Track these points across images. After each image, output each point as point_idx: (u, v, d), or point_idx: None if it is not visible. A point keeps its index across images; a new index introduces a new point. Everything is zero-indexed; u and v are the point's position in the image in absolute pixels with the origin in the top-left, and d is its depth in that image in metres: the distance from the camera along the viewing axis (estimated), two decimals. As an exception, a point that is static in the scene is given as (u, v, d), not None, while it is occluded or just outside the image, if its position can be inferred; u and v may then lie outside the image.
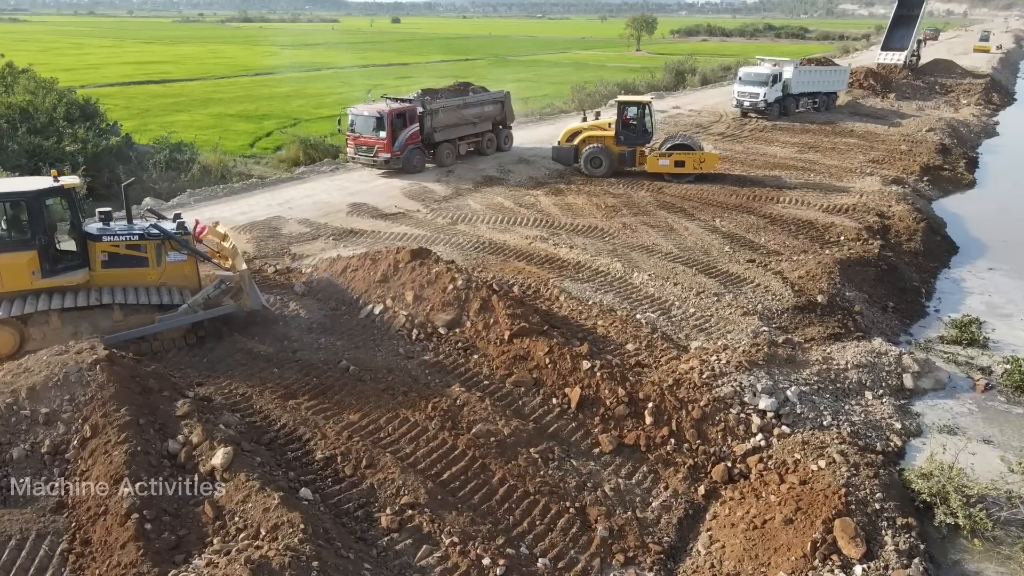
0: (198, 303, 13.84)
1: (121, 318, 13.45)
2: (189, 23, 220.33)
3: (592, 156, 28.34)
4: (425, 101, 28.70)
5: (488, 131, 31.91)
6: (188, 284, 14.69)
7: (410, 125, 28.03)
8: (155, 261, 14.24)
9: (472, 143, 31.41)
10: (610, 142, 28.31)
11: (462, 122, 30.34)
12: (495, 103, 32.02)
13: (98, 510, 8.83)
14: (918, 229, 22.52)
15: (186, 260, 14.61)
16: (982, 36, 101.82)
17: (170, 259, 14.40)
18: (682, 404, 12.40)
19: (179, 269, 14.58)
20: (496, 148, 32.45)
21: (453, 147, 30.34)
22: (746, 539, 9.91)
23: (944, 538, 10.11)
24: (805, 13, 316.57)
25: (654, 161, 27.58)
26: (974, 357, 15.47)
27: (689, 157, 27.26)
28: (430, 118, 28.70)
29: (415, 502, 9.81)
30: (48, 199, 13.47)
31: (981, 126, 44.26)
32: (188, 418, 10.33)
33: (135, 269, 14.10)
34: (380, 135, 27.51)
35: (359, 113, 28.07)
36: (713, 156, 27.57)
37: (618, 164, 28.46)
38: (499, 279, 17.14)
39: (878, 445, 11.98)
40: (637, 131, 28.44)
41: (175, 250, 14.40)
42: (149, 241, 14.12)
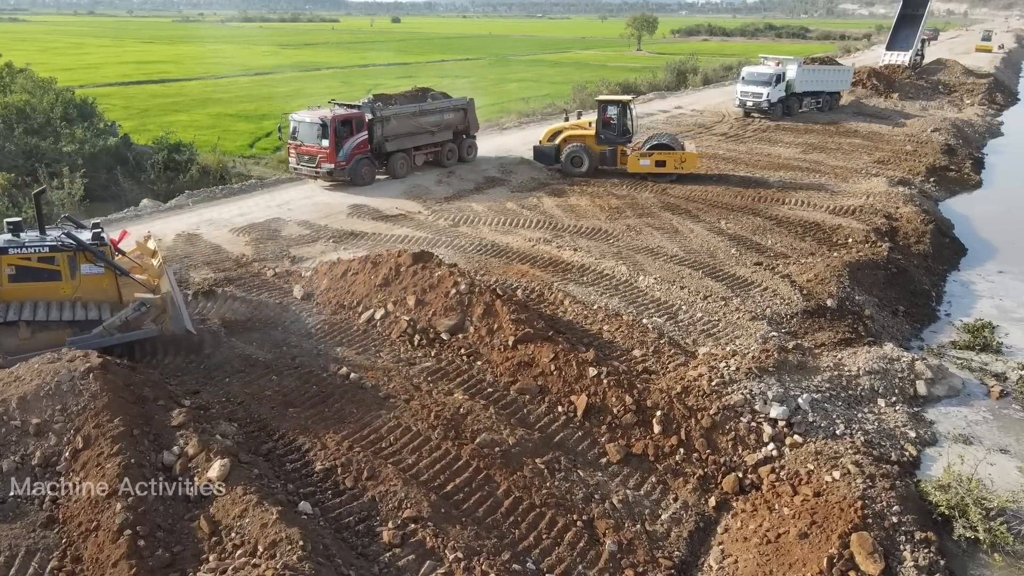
0: (114, 325, 12.79)
1: (28, 336, 12.56)
2: (189, 23, 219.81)
3: (573, 155, 28.22)
4: (375, 107, 26.44)
5: (449, 141, 29.47)
6: (107, 298, 13.52)
7: (357, 133, 25.75)
8: (69, 274, 13.16)
9: (430, 153, 29.12)
10: (591, 141, 28.20)
11: (418, 131, 27.95)
12: (456, 111, 29.57)
13: (90, 526, 8.53)
14: (926, 231, 22.22)
15: (103, 273, 13.43)
16: (984, 36, 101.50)
17: (85, 272, 13.28)
18: (691, 412, 12.10)
19: (96, 283, 13.41)
20: (458, 159, 30.03)
21: (408, 158, 27.97)
22: (759, 554, 9.60)
23: (964, 553, 9.81)
24: (805, 13, 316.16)
25: (635, 161, 27.42)
26: (988, 363, 15.16)
27: (670, 157, 27.08)
28: (381, 126, 26.39)
29: (418, 515, 9.51)
30: None
31: (985, 126, 43.94)
32: (184, 428, 10.03)
33: (47, 283, 13.07)
34: (323, 144, 25.19)
35: (301, 119, 25.83)
36: (693, 156, 27.37)
37: (599, 163, 28.29)
38: (502, 282, 16.83)
39: (893, 455, 11.67)
40: (617, 130, 28.22)
41: (90, 262, 13.26)
42: (61, 253, 13.03)
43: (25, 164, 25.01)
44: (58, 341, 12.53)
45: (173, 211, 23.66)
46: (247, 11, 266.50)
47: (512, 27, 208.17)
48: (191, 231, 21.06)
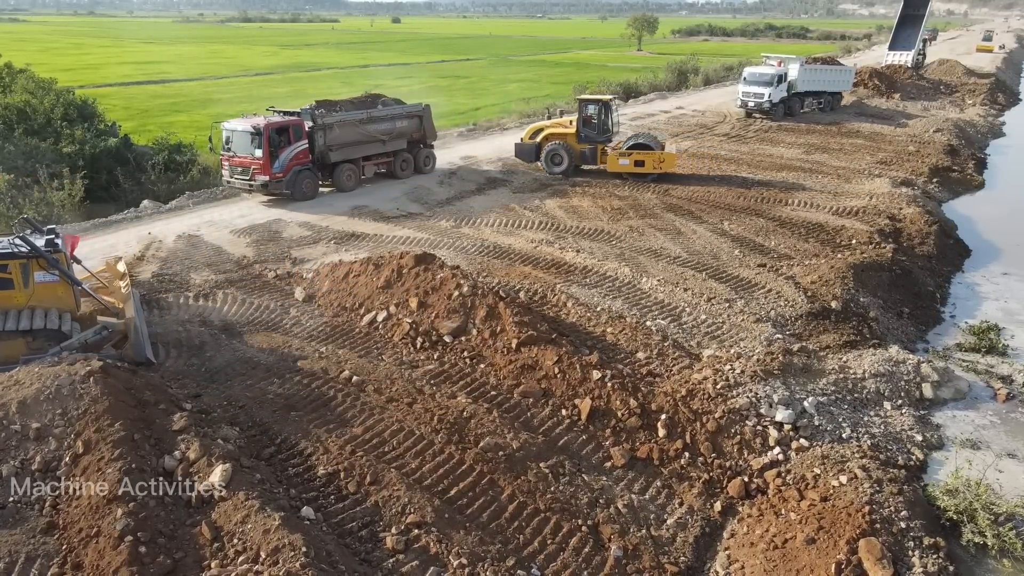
0: (73, 347, 12.32)
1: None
2: (189, 23, 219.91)
3: (553, 153, 28.27)
4: (316, 114, 24.39)
5: (403, 150, 27.52)
6: (63, 306, 13.06)
7: (296, 142, 23.66)
8: (22, 282, 12.63)
9: (382, 164, 27.18)
10: (571, 140, 28.22)
11: (366, 140, 25.97)
12: (410, 118, 27.66)
13: (90, 532, 8.44)
14: (930, 232, 22.12)
15: (58, 280, 12.91)
16: (985, 36, 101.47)
17: (39, 279, 12.77)
18: (696, 416, 12.00)
19: (51, 291, 12.91)
20: (414, 170, 28.04)
21: (356, 169, 26.02)
22: (766, 559, 9.50)
23: (972, 558, 9.71)
24: (806, 13, 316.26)
25: (614, 160, 27.46)
26: (994, 365, 15.06)
27: (649, 156, 27.11)
28: (323, 134, 24.43)
29: (421, 521, 9.41)
30: None
31: (988, 126, 43.86)
32: (185, 432, 9.95)
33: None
34: (256, 154, 23.12)
35: (233, 128, 23.75)
36: (672, 156, 27.38)
37: (579, 162, 28.31)
38: (505, 284, 16.74)
39: (900, 459, 11.57)
40: (598, 129, 28.19)
41: (43, 269, 12.74)
42: (14, 261, 12.50)
43: (25, 165, 24.90)
44: (11, 352, 12.17)
45: (174, 212, 23.58)
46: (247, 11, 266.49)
47: (512, 27, 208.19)
48: (192, 232, 20.97)
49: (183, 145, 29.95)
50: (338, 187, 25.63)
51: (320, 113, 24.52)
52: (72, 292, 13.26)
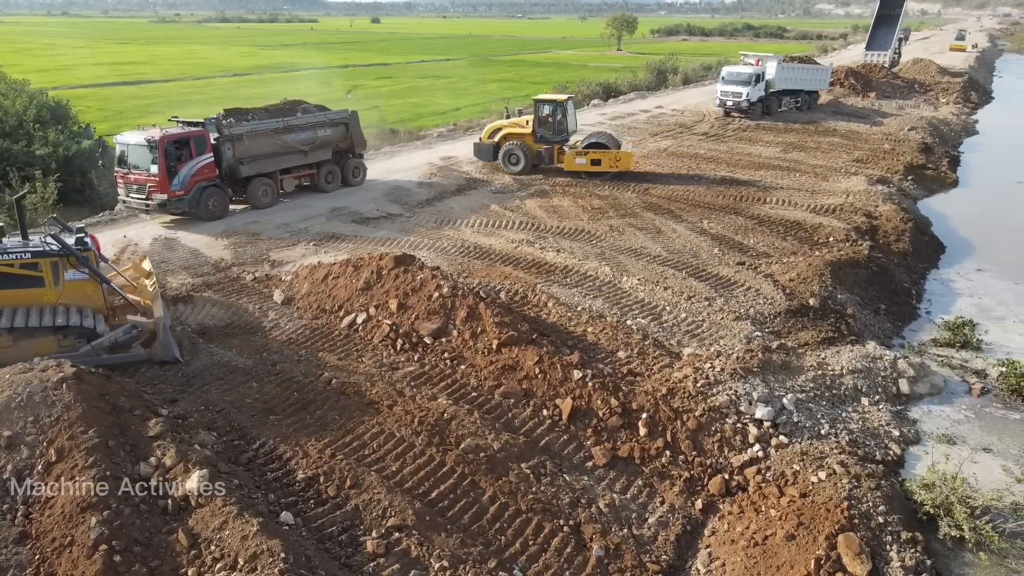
0: (103, 345, 12.63)
1: (9, 344, 12.29)
2: (165, 23, 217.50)
3: (509, 152, 28.44)
4: (222, 124, 22.42)
5: (327, 161, 25.55)
6: (92, 304, 13.30)
7: (198, 156, 21.42)
8: (52, 281, 12.89)
9: (304, 177, 25.22)
10: (528, 139, 28.33)
11: (283, 151, 23.85)
12: (335, 126, 25.71)
13: (64, 541, 8.28)
14: (906, 229, 22.39)
15: (87, 278, 13.18)
16: (958, 35, 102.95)
17: (69, 278, 13.02)
18: (677, 414, 12.04)
19: (80, 289, 13.15)
20: (341, 182, 26.28)
21: (272, 183, 23.92)
22: (747, 556, 9.55)
23: (949, 552, 9.82)
24: (783, 13, 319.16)
25: (571, 159, 27.59)
26: (968, 360, 15.27)
27: (605, 155, 27.25)
28: (231, 146, 22.29)
29: (402, 524, 9.35)
30: None
31: (961, 125, 44.49)
32: (161, 439, 9.80)
33: (28, 290, 12.76)
34: (152, 170, 20.74)
35: (126, 142, 21.42)
36: (628, 155, 27.56)
37: (536, 161, 28.41)
38: (485, 285, 16.69)
39: (877, 454, 11.68)
40: (554, 129, 28.25)
41: (74, 268, 13.03)
42: (45, 259, 12.78)
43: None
44: (42, 350, 12.27)
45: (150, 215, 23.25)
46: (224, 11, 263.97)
47: (492, 27, 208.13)
48: (168, 235, 20.72)
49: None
50: (252, 204, 23.49)
51: (228, 123, 22.56)
52: (101, 291, 13.42)
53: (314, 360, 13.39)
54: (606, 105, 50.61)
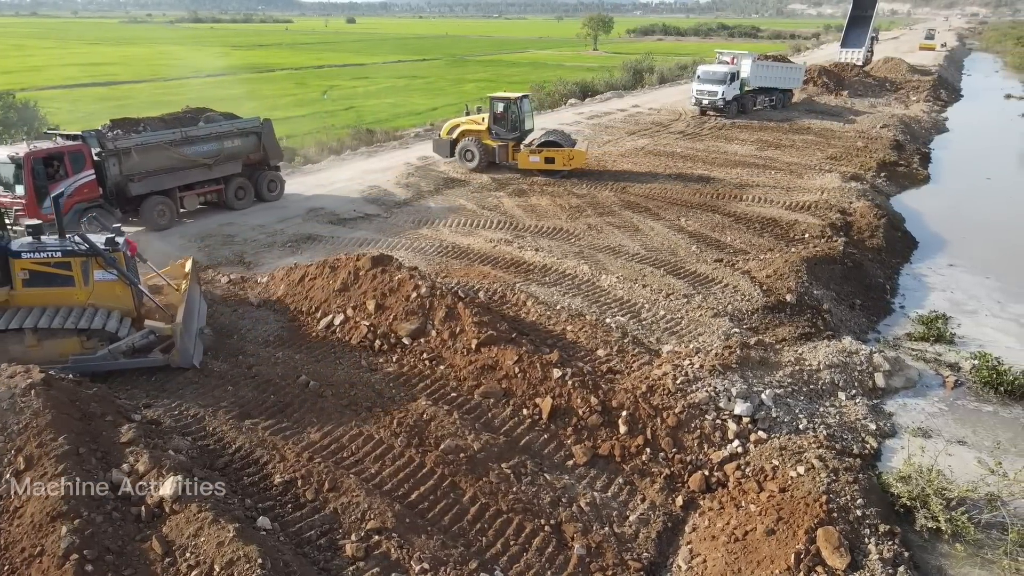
0: (120, 350, 12.42)
1: (35, 343, 12.28)
2: (137, 24, 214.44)
3: (465, 149, 28.83)
4: (105, 137, 19.87)
5: (237, 175, 23.15)
6: (121, 305, 13.26)
7: (76, 174, 18.74)
8: (82, 280, 12.94)
9: (208, 193, 22.86)
10: (484, 136, 28.61)
11: (182, 165, 21.48)
12: (244, 136, 23.30)
13: (33, 551, 8.06)
14: (879, 225, 22.65)
15: (116, 279, 13.16)
16: (927, 34, 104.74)
17: (99, 278, 13.02)
18: (656, 412, 12.05)
19: (110, 289, 13.14)
20: (256, 197, 23.96)
21: (169, 202, 21.31)
22: (727, 552, 9.57)
23: (926, 543, 9.92)
24: (756, 13, 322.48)
25: (525, 157, 27.89)
26: (942, 353, 15.48)
27: (558, 154, 27.53)
28: (116, 161, 19.82)
29: (382, 527, 9.24)
30: None
31: (931, 122, 45.18)
32: (134, 445, 9.59)
33: (60, 289, 12.83)
34: (18, 191, 18.01)
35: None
36: (580, 154, 27.85)
37: (491, 158, 28.70)
38: (464, 285, 16.61)
39: (854, 448, 11.78)
40: (508, 126, 28.48)
41: (102, 268, 13.03)
42: (76, 258, 12.84)
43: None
44: (66, 350, 12.36)
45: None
46: (197, 11, 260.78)
47: (468, 27, 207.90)
48: (141, 236, 20.36)
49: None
50: (147, 225, 20.88)
51: (113, 136, 20.01)
52: (130, 291, 13.31)
53: (291, 362, 13.22)
54: (583, 104, 50.72)
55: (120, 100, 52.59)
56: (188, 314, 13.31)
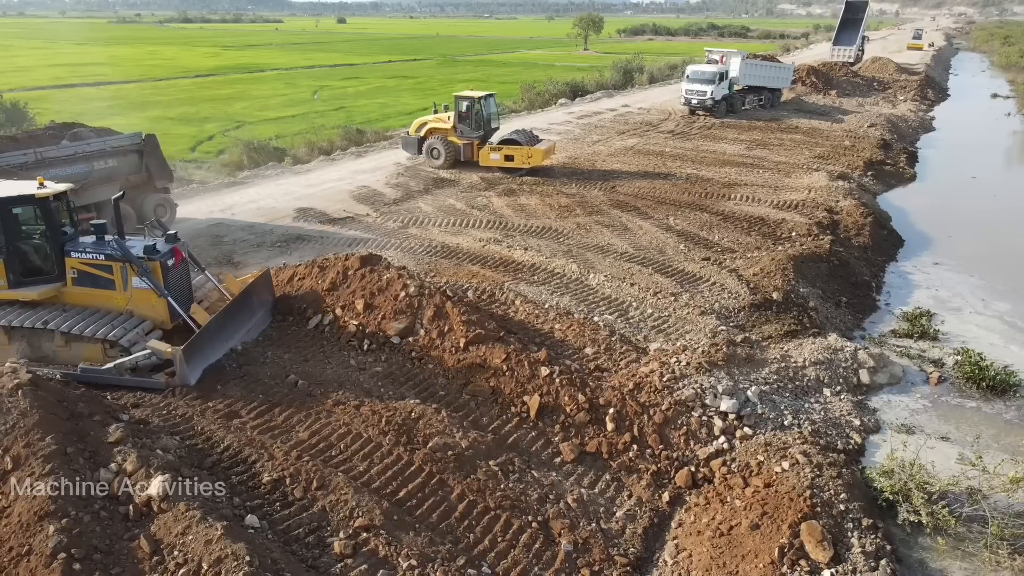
0: (124, 367, 12.16)
1: (63, 344, 12.42)
2: (125, 24, 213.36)
3: (431, 147, 29.31)
4: None
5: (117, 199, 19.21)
6: (155, 315, 13.13)
7: None
8: (122, 285, 12.90)
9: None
10: (450, 134, 29.01)
11: None
12: (122, 155, 20.32)
13: (21, 551, 8.07)
14: (866, 224, 22.86)
15: (151, 287, 12.97)
16: (915, 34, 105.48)
17: (136, 285, 12.92)
18: (644, 409, 12.15)
19: (146, 298, 12.98)
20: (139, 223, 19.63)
21: None
22: (713, 547, 9.67)
23: (908, 536, 10.06)
24: (746, 12, 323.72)
25: (486, 155, 28.39)
26: (926, 350, 15.65)
27: (517, 152, 27.94)
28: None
29: (370, 524, 9.29)
30: (16, 207, 12.64)
31: (919, 121, 45.55)
32: (121, 444, 9.61)
33: (103, 291, 12.95)
34: None
35: None
36: (538, 152, 28.16)
37: (457, 156, 29.12)
38: (453, 284, 16.68)
39: (839, 443, 11.92)
40: (472, 125, 28.79)
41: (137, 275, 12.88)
42: (115, 263, 12.84)
43: (-51, 172, 23.77)
44: (90, 355, 12.40)
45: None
46: (187, 11, 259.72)
47: (459, 27, 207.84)
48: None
49: (119, 149, 28.95)
50: None
51: None
52: (165, 302, 13.09)
53: (280, 362, 13.24)
54: (573, 104, 50.87)
55: (109, 100, 52.35)
56: (204, 335, 12.67)
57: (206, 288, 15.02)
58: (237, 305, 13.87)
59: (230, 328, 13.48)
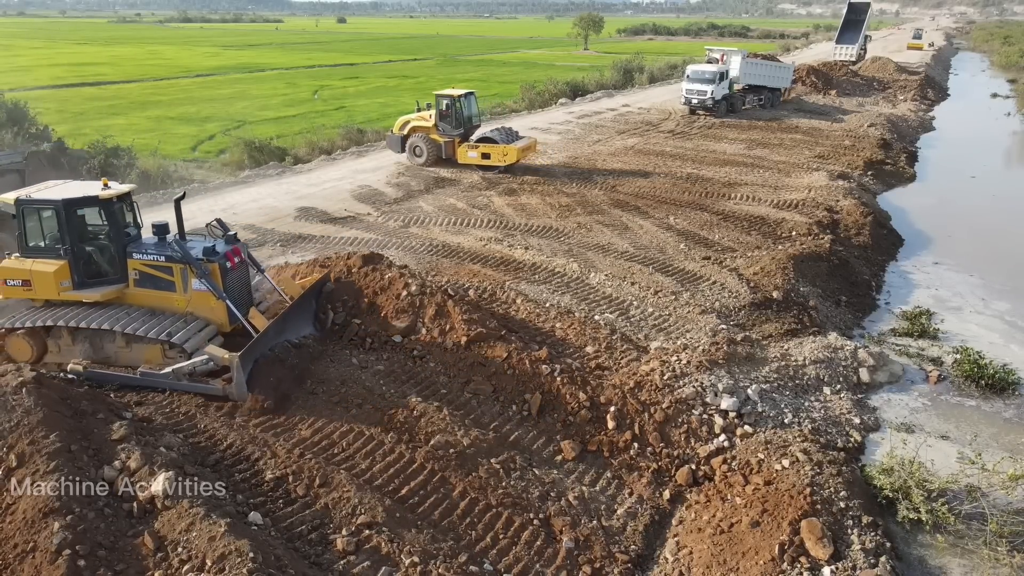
0: (183, 372, 11.91)
1: (124, 345, 12.47)
2: (126, 23, 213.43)
3: (414, 145, 29.71)
4: None
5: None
6: (214, 317, 12.95)
7: None
8: (182, 287, 12.81)
9: None
10: (432, 132, 29.34)
11: None
12: None
13: (26, 547, 8.13)
14: (866, 223, 22.90)
15: (209, 289, 12.73)
16: (915, 34, 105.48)
17: (195, 287, 12.76)
18: (644, 407, 12.19)
19: (205, 300, 12.80)
20: None
21: None
22: (713, 544, 9.73)
23: (907, 534, 10.11)
24: (746, 12, 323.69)
25: (464, 152, 28.75)
26: (925, 348, 15.70)
27: (493, 150, 28.24)
28: None
29: (372, 521, 9.35)
30: (80, 208, 12.66)
31: (918, 121, 45.58)
32: (125, 442, 9.66)
33: (163, 292, 12.89)
34: None
35: None
36: (513, 150, 28.34)
37: (439, 154, 29.41)
38: (454, 283, 16.72)
39: (839, 441, 11.98)
40: (453, 123, 29.03)
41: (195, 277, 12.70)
42: (175, 264, 12.74)
43: (-50, 171, 23.78)
44: (150, 357, 12.39)
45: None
46: (187, 11, 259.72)
47: (459, 27, 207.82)
48: (131, 238, 20.33)
49: (120, 148, 29.06)
50: None
51: None
52: (224, 305, 12.82)
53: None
54: (574, 104, 50.91)
55: (109, 100, 52.43)
56: (261, 341, 12.37)
57: (264, 290, 14.81)
58: (296, 309, 13.70)
59: (288, 333, 13.32)
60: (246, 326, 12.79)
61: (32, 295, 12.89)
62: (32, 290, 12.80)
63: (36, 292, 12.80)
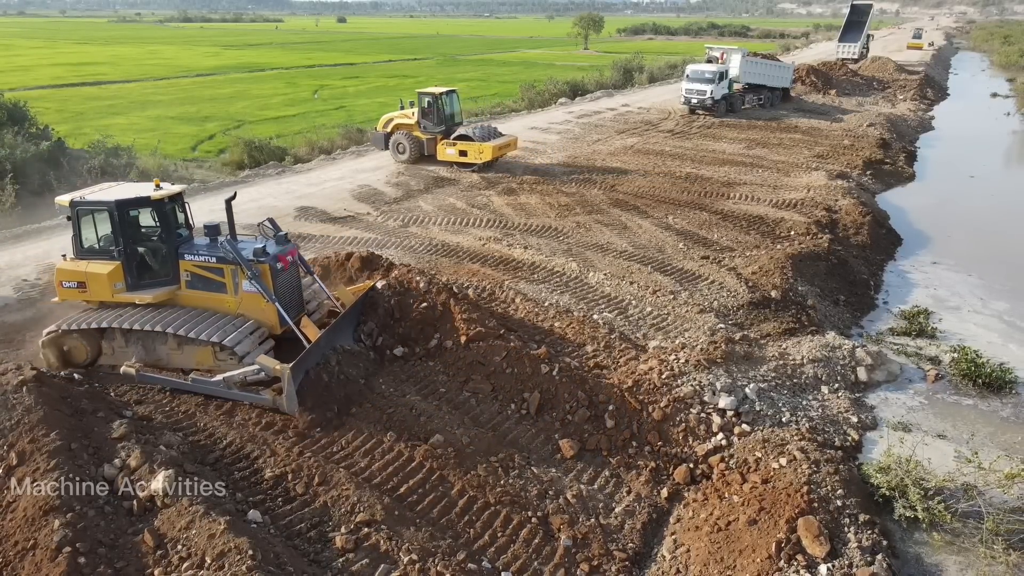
0: (234, 380, 11.73)
1: (175, 347, 12.47)
2: (126, 23, 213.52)
3: (397, 142, 30.09)
4: None
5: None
6: (265, 320, 12.89)
7: None
8: (233, 289, 12.77)
9: None
10: (415, 130, 29.66)
11: None
12: None
13: (27, 545, 8.20)
14: (864, 223, 22.94)
15: (259, 291, 12.60)
16: (915, 34, 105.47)
17: (246, 289, 12.68)
18: (643, 406, 12.23)
19: (255, 302, 12.72)
20: None
21: None
22: (711, 542, 9.77)
23: (904, 532, 10.15)
24: (746, 12, 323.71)
25: (443, 149, 29.08)
26: (923, 348, 15.73)
27: (470, 147, 28.54)
28: None
29: (371, 519, 9.40)
30: (132, 209, 12.66)
31: (918, 121, 45.60)
32: (125, 440, 9.74)
33: (215, 294, 12.89)
34: None
35: None
36: (488, 147, 28.53)
37: (420, 150, 29.69)
38: (454, 282, 16.75)
39: (836, 440, 12.01)
40: (434, 120, 29.28)
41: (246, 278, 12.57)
42: (226, 265, 12.67)
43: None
44: (201, 360, 12.38)
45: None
46: (187, 11, 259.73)
47: (459, 27, 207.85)
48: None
49: (120, 148, 29.11)
50: None
51: None
52: (275, 308, 12.72)
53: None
54: (573, 103, 50.93)
55: (108, 100, 52.46)
56: (313, 352, 12.18)
57: (319, 298, 14.58)
58: (347, 319, 13.54)
59: (340, 343, 13.17)
60: (296, 331, 12.72)
61: (87, 297, 12.91)
62: (87, 292, 12.82)
63: (91, 294, 12.83)
